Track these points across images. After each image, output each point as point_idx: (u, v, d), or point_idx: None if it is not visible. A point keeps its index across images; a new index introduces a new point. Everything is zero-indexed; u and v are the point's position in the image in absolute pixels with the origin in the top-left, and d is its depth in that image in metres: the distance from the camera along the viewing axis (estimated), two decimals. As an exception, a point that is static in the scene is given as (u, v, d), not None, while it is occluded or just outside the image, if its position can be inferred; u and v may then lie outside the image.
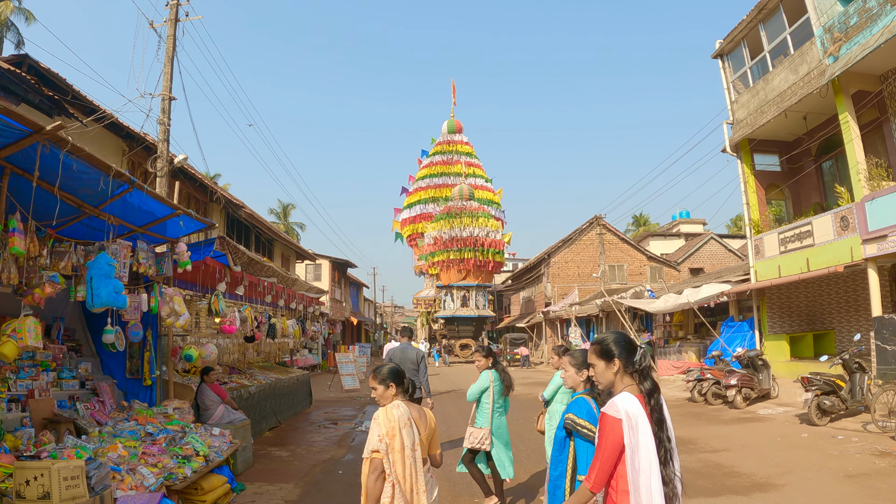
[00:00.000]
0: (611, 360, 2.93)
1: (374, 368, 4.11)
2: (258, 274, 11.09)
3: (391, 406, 3.85)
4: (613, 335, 3.03)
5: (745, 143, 19.98)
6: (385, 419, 3.77)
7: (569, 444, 3.31)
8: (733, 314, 20.60)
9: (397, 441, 3.69)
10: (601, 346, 2.99)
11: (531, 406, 16.17)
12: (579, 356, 3.96)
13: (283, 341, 14.72)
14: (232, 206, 20.83)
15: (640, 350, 2.93)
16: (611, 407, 2.76)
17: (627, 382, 2.88)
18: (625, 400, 2.75)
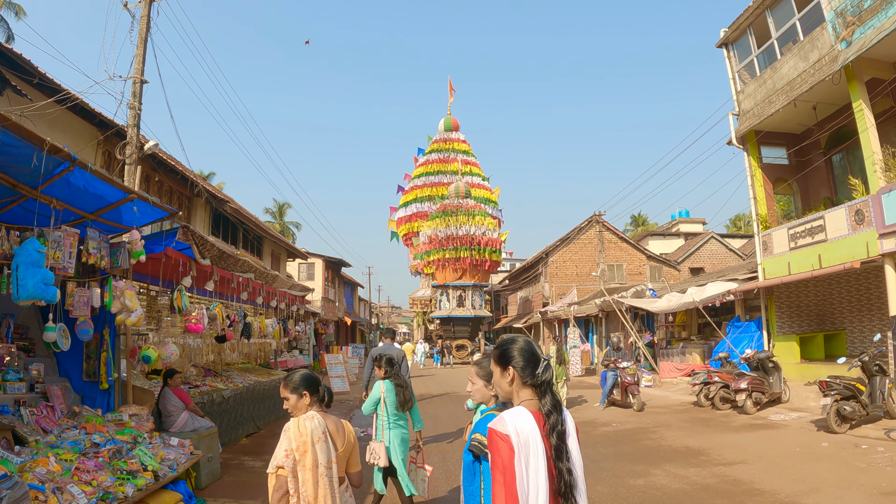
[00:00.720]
0: (506, 367, 2.60)
1: (285, 375, 3.79)
2: (232, 268, 10.19)
3: (304, 417, 3.50)
4: (516, 341, 2.66)
5: (751, 135, 19.17)
6: (296, 432, 3.43)
7: (479, 469, 2.69)
8: (739, 314, 19.73)
9: (309, 457, 3.37)
10: (498, 351, 2.67)
11: None
12: (488, 365, 3.28)
13: (265, 342, 13.82)
14: (217, 200, 19.92)
15: (544, 363, 2.55)
16: (498, 422, 2.39)
17: (525, 396, 2.53)
18: (516, 415, 2.40)
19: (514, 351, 2.60)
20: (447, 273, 43.45)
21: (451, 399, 18.59)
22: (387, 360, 6.69)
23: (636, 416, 13.93)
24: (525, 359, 2.56)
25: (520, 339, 2.69)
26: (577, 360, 26.89)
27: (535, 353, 2.61)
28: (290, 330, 13.97)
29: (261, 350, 13.80)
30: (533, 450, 2.32)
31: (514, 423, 2.36)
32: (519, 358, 2.57)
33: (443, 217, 43.30)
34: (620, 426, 12.41)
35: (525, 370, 2.53)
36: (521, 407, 2.46)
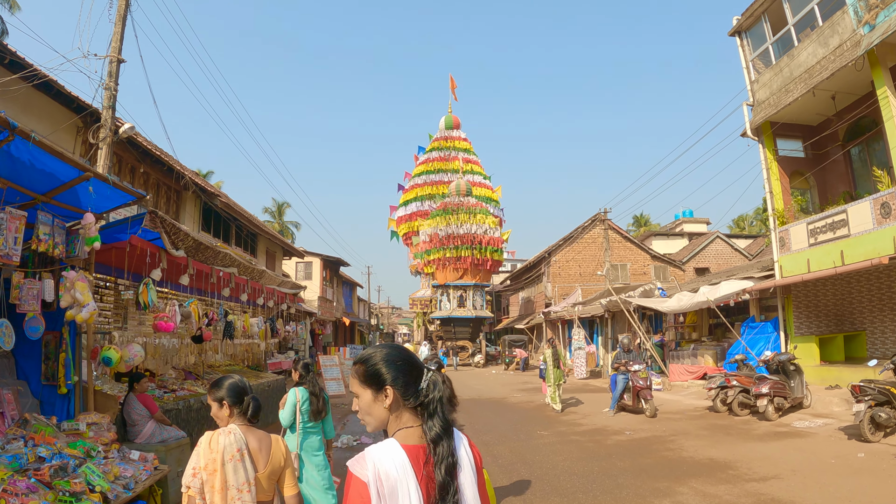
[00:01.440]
0: (381, 387, 2.04)
1: (212, 382, 3.36)
2: (211, 262, 9.28)
3: (220, 432, 3.10)
4: (386, 350, 2.10)
5: (766, 126, 18.29)
6: (206, 448, 3.04)
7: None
8: (754, 314, 18.81)
9: (218, 478, 2.98)
10: (365, 367, 2.08)
11: (533, 416, 14.38)
12: None
13: (252, 342, 12.92)
14: (206, 194, 19.02)
15: (428, 374, 2.05)
16: (358, 462, 1.93)
17: (406, 422, 2.02)
18: (383, 452, 1.92)
19: (386, 364, 2.03)
20: (447, 273, 42.48)
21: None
22: (303, 365, 6.21)
23: (650, 422, 13.01)
24: (404, 372, 2.02)
25: (389, 348, 2.11)
26: (582, 362, 25.98)
27: (415, 362, 2.08)
28: (278, 330, 13.04)
29: (248, 351, 12.89)
30: (403, 498, 1.85)
31: (379, 462, 1.88)
32: (396, 373, 2.01)
33: (443, 215, 42.32)
34: (634, 434, 11.48)
35: (407, 388, 2.00)
36: (391, 440, 1.95)
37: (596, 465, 8.74)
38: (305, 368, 6.21)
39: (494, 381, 26.33)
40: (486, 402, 17.70)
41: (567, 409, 16.35)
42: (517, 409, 15.81)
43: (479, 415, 14.84)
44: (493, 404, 17.23)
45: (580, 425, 12.75)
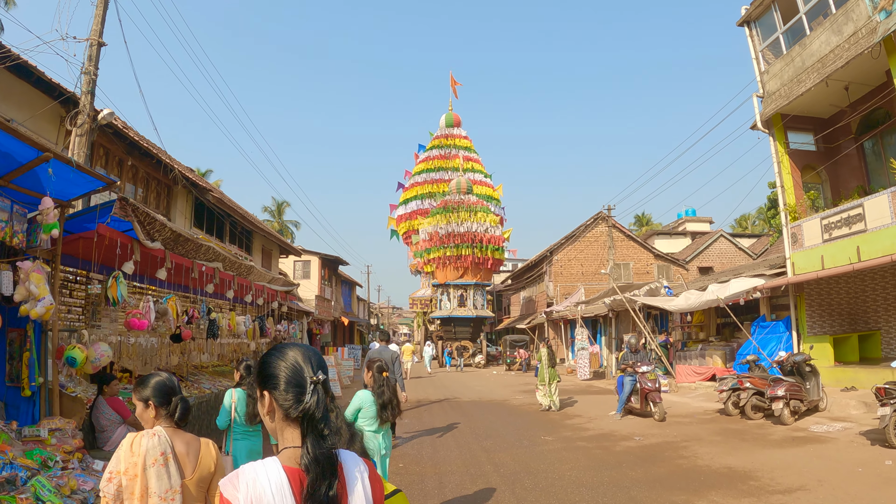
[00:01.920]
0: (261, 391, 1.75)
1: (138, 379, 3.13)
2: (192, 255, 8.65)
3: (143, 434, 2.83)
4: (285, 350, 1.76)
5: (777, 119, 17.67)
6: (127, 451, 2.77)
7: None
8: (764, 313, 18.16)
9: (138, 484, 2.71)
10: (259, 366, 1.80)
11: (537, 420, 13.73)
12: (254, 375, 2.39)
13: (241, 342, 12.29)
14: (197, 188, 18.38)
15: (312, 385, 1.67)
16: (230, 481, 1.63)
17: (289, 439, 1.70)
18: (259, 472, 1.62)
19: (276, 366, 1.75)
20: (448, 272, 41.81)
21: (451, 405, 17.05)
22: (245, 367, 6.17)
23: (659, 427, 12.36)
24: (287, 378, 1.72)
25: (292, 348, 1.81)
26: (585, 362, 25.36)
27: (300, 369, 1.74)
28: (268, 329, 12.40)
29: (236, 351, 12.27)
30: None
31: (253, 484, 1.61)
32: (276, 377, 1.73)
33: (443, 213, 41.65)
34: (644, 440, 10.83)
35: (287, 396, 1.70)
36: (273, 458, 1.68)
37: (606, 475, 8.09)
38: (247, 370, 6.12)
39: (495, 382, 25.70)
40: (487, 405, 17.07)
41: (564, 408, 15.82)
42: (519, 412, 15.17)
43: (479, 418, 14.21)
44: (495, 407, 16.60)
45: (586, 430, 12.11)
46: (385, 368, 6.22)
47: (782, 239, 32.94)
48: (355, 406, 5.96)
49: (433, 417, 14.27)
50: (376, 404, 5.94)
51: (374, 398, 5.98)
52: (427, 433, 11.90)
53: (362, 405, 5.96)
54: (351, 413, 5.95)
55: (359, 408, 5.95)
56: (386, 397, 5.97)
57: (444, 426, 12.87)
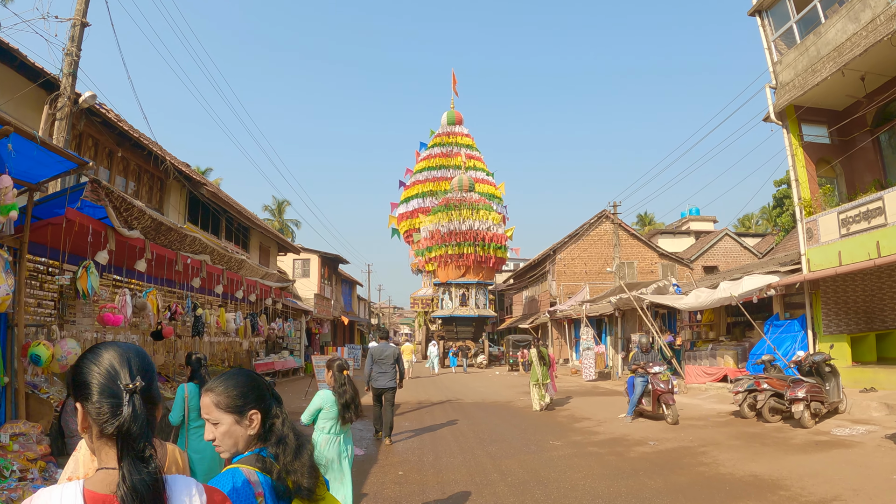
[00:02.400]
0: (75, 404, 1.48)
1: None
2: (176, 247, 8.04)
3: None
4: (98, 353, 1.47)
5: (790, 110, 17.06)
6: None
7: None
8: (778, 311, 17.54)
9: None
10: (73, 371, 1.51)
11: (543, 423, 13.09)
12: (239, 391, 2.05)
13: (234, 340, 11.68)
14: (190, 182, 17.78)
15: (128, 392, 1.39)
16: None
17: (105, 459, 1.40)
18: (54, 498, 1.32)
19: (88, 372, 1.41)
20: (449, 270, 41.17)
21: (453, 407, 16.44)
22: (195, 360, 6.02)
23: (673, 430, 11.73)
24: (100, 387, 1.38)
25: (108, 349, 1.47)
26: (590, 363, 24.72)
27: (115, 375, 1.40)
28: (260, 327, 11.77)
29: (228, 350, 11.66)
30: None
31: None
32: (92, 385, 1.39)
33: (445, 211, 40.99)
34: (659, 445, 10.20)
35: (100, 408, 1.36)
36: (76, 483, 1.34)
37: (622, 485, 7.46)
38: (198, 363, 6.00)
39: (499, 382, 25.05)
40: (491, 407, 16.44)
41: (556, 407, 15.35)
42: (524, 415, 14.54)
43: (483, 421, 13.58)
44: (499, 409, 15.96)
45: (596, 434, 11.48)
46: (346, 367, 6.00)
47: (791, 236, 32.42)
48: (315, 406, 5.73)
49: (435, 420, 13.66)
50: (337, 404, 5.68)
51: (335, 398, 5.72)
52: (429, 437, 11.28)
53: (323, 405, 5.70)
54: (310, 414, 5.75)
55: (319, 408, 5.72)
56: (348, 396, 5.71)
57: (446, 429, 12.25)
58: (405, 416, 14.26)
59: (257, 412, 2.00)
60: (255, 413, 1.99)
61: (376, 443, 10.98)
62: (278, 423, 2.02)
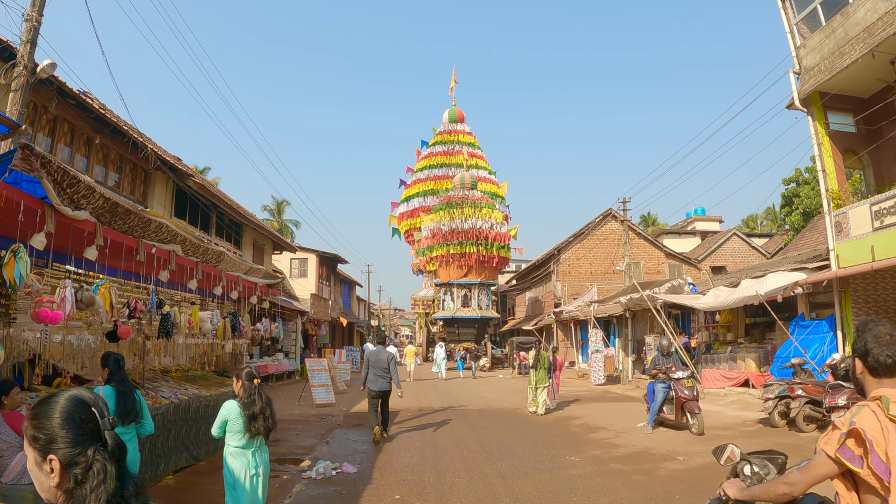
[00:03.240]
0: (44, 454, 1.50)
1: None
2: (139, 233, 6.93)
3: None
4: None
5: (815, 97, 15.98)
6: None
7: None
8: (803, 311, 16.42)
9: None
10: None
11: (556, 434, 11.93)
12: None
13: (215, 342, 10.56)
14: (176, 173, 16.70)
15: None
16: None
17: None
18: None
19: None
20: (451, 270, 40.00)
21: (456, 415, 15.32)
22: (113, 360, 5.64)
23: (700, 442, 10.60)
24: None
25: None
26: (599, 366, 23.59)
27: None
28: (242, 327, 10.64)
29: (209, 353, 10.54)
30: None
31: None
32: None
33: (447, 209, 39.81)
34: (689, 460, 9.06)
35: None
36: None
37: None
38: (116, 364, 5.62)
39: (503, 387, 23.87)
40: (497, 414, 15.27)
41: (567, 413, 14.21)
42: (535, 424, 13.38)
43: (490, 431, 12.39)
44: (505, 417, 14.77)
45: (616, 447, 10.32)
46: (255, 375, 5.43)
47: (803, 235, 31.36)
48: (221, 419, 5.27)
49: (437, 430, 12.50)
50: (244, 416, 5.19)
51: (241, 409, 5.22)
52: (430, 451, 10.13)
53: (228, 417, 5.23)
54: (217, 427, 5.30)
55: (225, 420, 5.25)
56: (257, 407, 5.21)
57: (449, 441, 11.09)
58: (404, 426, 13.13)
59: (55, 459, 1.47)
60: (54, 460, 1.47)
61: (372, 456, 9.85)
62: (88, 486, 1.45)
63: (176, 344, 8.97)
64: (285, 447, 10.44)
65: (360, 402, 17.71)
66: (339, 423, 13.56)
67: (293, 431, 12.14)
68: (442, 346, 34.51)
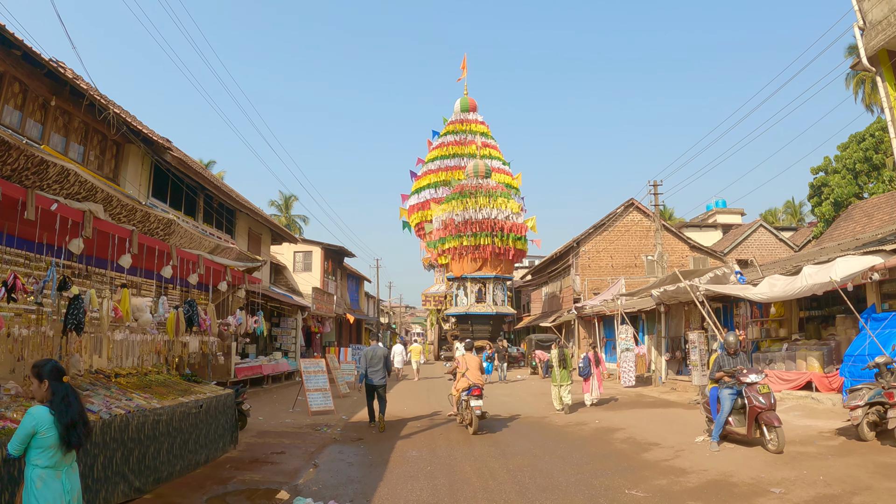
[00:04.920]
0: None
1: None
2: (30, 182, 4.78)
3: None
4: None
5: (884, 56, 13.71)
6: None
7: None
8: (874, 302, 14.11)
9: None
10: None
11: (601, 453, 9.57)
12: None
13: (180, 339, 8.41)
14: (150, 145, 14.60)
15: None
16: None
17: None
18: None
19: None
20: (464, 264, 37.70)
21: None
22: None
23: (785, 464, 8.33)
24: None
25: None
26: (630, 366, 21.34)
27: None
28: (203, 320, 8.46)
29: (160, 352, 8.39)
30: None
31: None
32: None
33: (460, 199, 37.50)
34: (789, 494, 6.77)
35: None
36: None
37: None
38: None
39: (525, 390, 21.55)
40: (523, 426, 12.90)
41: (606, 421, 11.89)
42: (571, 439, 11.05)
43: (518, 450, 10.02)
44: (534, 429, 12.42)
45: (684, 473, 8.03)
46: (63, 372, 4.33)
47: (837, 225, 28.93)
48: (26, 431, 3.94)
49: (452, 447, 10.24)
50: (59, 425, 4.01)
51: (54, 417, 4.02)
52: (446, 481, 7.89)
53: (38, 429, 3.96)
54: (19, 443, 3.93)
55: (30, 433, 3.95)
56: (74, 412, 4.09)
57: (468, 465, 8.85)
58: (412, 440, 10.91)
59: None
60: None
61: (369, 488, 7.66)
62: None
63: (111, 340, 6.82)
64: (262, 473, 8.25)
65: (363, 409, 15.56)
66: (334, 436, 11.35)
67: (277, 448, 9.95)
68: (458, 345, 31.57)
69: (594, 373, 16.16)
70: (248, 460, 8.94)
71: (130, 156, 14.76)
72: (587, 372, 16.14)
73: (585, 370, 16.18)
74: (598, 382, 16.29)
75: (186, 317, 7.94)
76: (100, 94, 12.14)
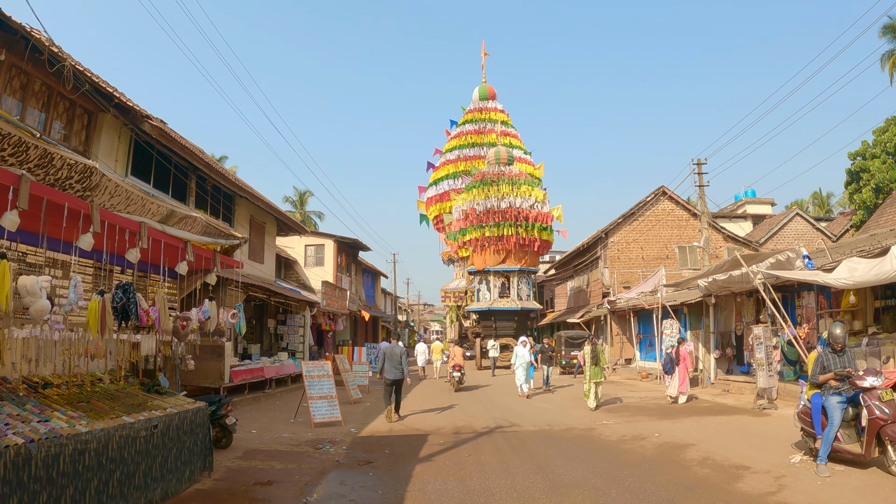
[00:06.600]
0: None
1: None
2: None
3: None
4: None
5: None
6: None
7: None
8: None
9: None
10: None
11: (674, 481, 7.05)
12: None
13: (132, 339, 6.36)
14: (123, 112, 12.63)
15: None
16: None
17: None
18: None
19: None
20: (487, 256, 35.40)
21: (508, 442, 11.02)
22: None
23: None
24: None
25: None
26: (676, 365, 19.11)
27: None
28: (143, 312, 6.38)
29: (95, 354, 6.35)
30: None
31: None
32: None
33: (481, 187, 35.16)
34: None
35: None
36: None
37: None
38: None
39: (560, 394, 19.21)
40: (569, 443, 10.49)
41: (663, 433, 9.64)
42: (634, 461, 8.69)
43: (568, 479, 7.75)
44: (581, 446, 10.08)
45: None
46: None
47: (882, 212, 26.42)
48: None
49: (484, 472, 8.07)
50: None
51: None
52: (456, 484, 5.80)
53: None
54: None
55: None
56: None
57: (504, 496, 6.79)
58: (434, 464, 8.76)
59: None
60: None
61: None
62: None
63: (7, 338, 4.78)
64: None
65: (376, 419, 13.47)
66: (338, 457, 9.21)
67: (264, 477, 7.84)
68: (493, 343, 29.67)
69: (677, 370, 16.08)
70: (222, 496, 6.87)
71: (106, 126, 12.79)
72: (669, 369, 16.32)
73: (668, 366, 16.42)
74: (681, 379, 15.93)
75: (118, 306, 5.90)
76: (57, 46, 10.12)
